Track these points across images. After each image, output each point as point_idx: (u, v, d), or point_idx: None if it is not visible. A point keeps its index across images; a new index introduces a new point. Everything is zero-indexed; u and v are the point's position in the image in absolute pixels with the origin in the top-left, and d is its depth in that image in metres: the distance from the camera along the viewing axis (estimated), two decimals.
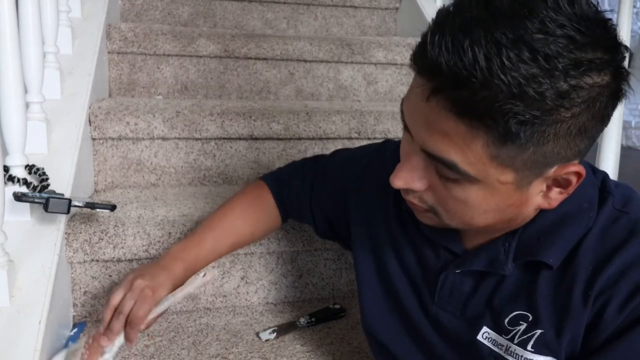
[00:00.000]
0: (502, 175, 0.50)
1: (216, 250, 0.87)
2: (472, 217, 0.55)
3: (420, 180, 0.55)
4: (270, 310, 1.07)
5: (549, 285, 0.57)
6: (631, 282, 0.53)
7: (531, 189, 0.53)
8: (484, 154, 0.49)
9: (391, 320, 0.72)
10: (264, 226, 0.93)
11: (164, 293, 0.76)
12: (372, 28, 1.95)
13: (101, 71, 1.39)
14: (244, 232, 0.90)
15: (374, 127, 1.34)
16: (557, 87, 0.45)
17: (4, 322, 0.76)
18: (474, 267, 0.61)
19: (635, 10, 4.17)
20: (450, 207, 0.55)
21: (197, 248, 0.85)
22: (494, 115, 0.46)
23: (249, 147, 1.30)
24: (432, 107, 0.49)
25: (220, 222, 0.89)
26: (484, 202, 0.53)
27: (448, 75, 0.46)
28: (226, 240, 0.88)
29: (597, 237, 0.56)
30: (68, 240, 0.95)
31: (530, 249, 0.58)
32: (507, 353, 0.58)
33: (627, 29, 1.21)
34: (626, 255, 0.54)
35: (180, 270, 0.81)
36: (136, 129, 1.21)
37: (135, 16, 1.75)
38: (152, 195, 1.18)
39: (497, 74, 0.44)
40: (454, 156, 0.50)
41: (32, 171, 0.95)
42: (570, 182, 0.53)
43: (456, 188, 0.53)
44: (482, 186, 0.51)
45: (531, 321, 0.57)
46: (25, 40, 0.97)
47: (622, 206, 0.57)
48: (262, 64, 1.57)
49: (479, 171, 0.50)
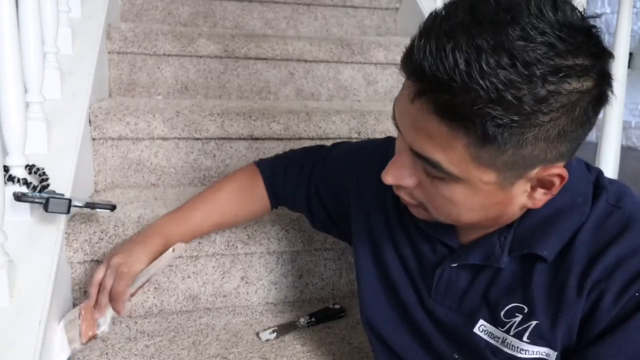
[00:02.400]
0: (484, 176, 0.52)
1: (197, 228, 0.93)
2: (458, 214, 0.57)
3: (410, 177, 0.57)
4: (270, 310, 1.07)
5: (544, 277, 0.58)
6: (626, 273, 0.54)
7: (514, 189, 0.54)
8: (466, 155, 0.50)
9: (390, 314, 0.72)
10: (249, 211, 0.97)
11: (139, 267, 0.84)
12: (372, 28, 1.95)
13: (101, 71, 1.39)
14: (229, 214, 0.95)
15: (374, 127, 1.34)
16: (535, 92, 0.46)
17: (4, 322, 0.76)
18: (469, 260, 0.62)
19: (635, 10, 4.17)
20: (437, 204, 0.57)
21: (179, 223, 0.91)
22: (473, 118, 0.47)
23: (249, 147, 1.30)
24: (418, 109, 0.51)
25: (206, 202, 0.94)
26: (468, 200, 0.54)
27: (431, 79, 0.48)
28: (209, 220, 0.93)
29: (592, 231, 0.57)
30: (68, 240, 0.95)
31: (525, 242, 0.59)
32: (504, 345, 0.59)
33: (627, 29, 1.21)
34: (620, 248, 0.55)
35: (159, 244, 0.87)
36: (136, 129, 1.21)
37: (135, 16, 1.75)
38: (152, 195, 1.18)
39: (476, 79, 0.45)
40: (438, 156, 0.52)
41: (32, 171, 0.95)
42: (554, 184, 0.54)
43: (442, 186, 0.54)
44: (466, 185, 0.53)
45: (526, 313, 0.58)
46: (25, 41, 0.97)
47: (616, 201, 0.58)
48: (262, 64, 1.57)
49: (462, 171, 0.52)
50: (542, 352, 0.57)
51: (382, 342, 0.74)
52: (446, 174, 0.52)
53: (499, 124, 0.47)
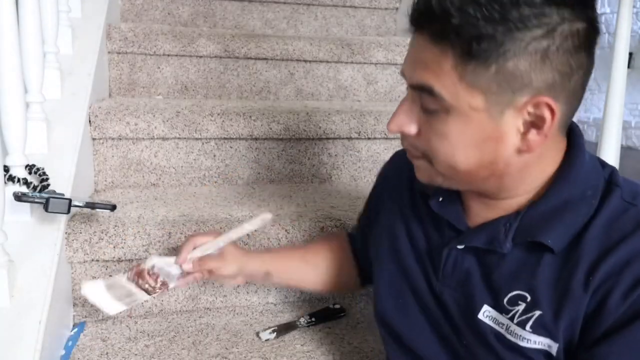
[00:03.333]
0: (472, 100, 0.55)
1: (272, 275, 0.90)
2: (453, 154, 0.58)
3: (411, 124, 0.61)
4: (270, 310, 1.07)
5: (551, 269, 0.58)
6: (636, 271, 0.53)
7: (504, 123, 0.55)
8: (454, 75, 0.54)
9: (402, 303, 0.73)
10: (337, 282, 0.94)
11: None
12: (372, 28, 1.95)
13: (101, 71, 1.39)
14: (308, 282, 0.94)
15: (374, 127, 1.34)
16: (520, 11, 0.51)
17: (4, 322, 0.76)
18: (473, 243, 0.64)
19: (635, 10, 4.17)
20: (436, 146, 0.59)
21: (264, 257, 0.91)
22: (459, 34, 0.52)
23: (249, 147, 1.31)
24: (418, 44, 0.57)
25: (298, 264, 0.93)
26: (461, 135, 0.57)
27: (426, 14, 0.55)
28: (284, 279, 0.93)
29: (604, 227, 0.57)
30: (68, 240, 0.95)
31: (531, 231, 0.60)
32: (508, 332, 0.60)
33: (627, 29, 1.20)
34: (632, 246, 0.55)
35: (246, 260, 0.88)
36: (136, 129, 1.21)
37: (135, 16, 1.75)
38: (152, 195, 1.18)
39: (465, 5, 0.52)
40: (432, 81, 0.56)
41: (32, 171, 0.95)
42: (544, 120, 0.54)
43: (438, 123, 0.58)
44: (457, 116, 0.56)
45: (530, 302, 0.58)
46: (25, 40, 0.97)
47: (632, 199, 0.58)
48: (262, 64, 1.57)
49: (452, 95, 0.55)
50: (544, 343, 0.57)
51: (394, 336, 0.75)
52: (439, 103, 0.56)
53: (478, 36, 0.51)
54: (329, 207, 1.14)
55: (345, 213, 1.10)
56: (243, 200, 1.18)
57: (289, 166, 1.34)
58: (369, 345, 0.96)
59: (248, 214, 1.08)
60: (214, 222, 1.02)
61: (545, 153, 0.59)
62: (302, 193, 1.26)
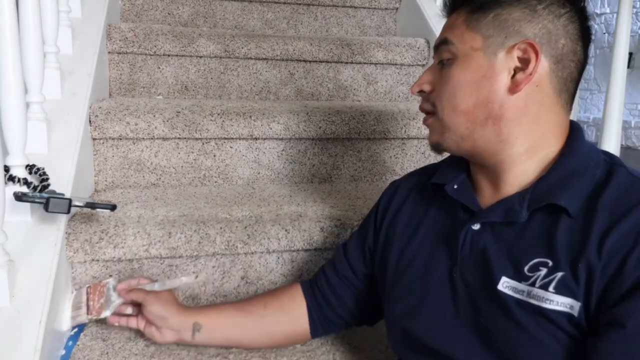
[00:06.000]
0: (473, 42, 0.68)
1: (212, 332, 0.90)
2: (454, 95, 0.69)
3: (428, 83, 0.74)
4: None
5: (567, 232, 0.62)
6: None
7: (497, 63, 0.66)
8: (463, 25, 0.70)
9: (422, 300, 0.73)
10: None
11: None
12: (372, 28, 1.95)
13: (101, 71, 1.39)
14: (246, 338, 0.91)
15: (374, 127, 1.34)
16: None
17: (4, 322, 0.76)
18: (490, 218, 0.68)
19: (635, 10, 4.17)
20: (442, 92, 0.71)
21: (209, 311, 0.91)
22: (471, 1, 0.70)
23: (249, 147, 1.31)
24: (451, 20, 0.72)
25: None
26: (462, 75, 0.68)
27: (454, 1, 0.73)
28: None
29: (615, 196, 0.61)
30: (68, 240, 0.95)
31: (544, 196, 0.64)
32: (529, 297, 0.61)
33: (627, 29, 1.21)
34: None
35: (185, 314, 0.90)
36: (136, 129, 1.21)
37: (136, 16, 1.75)
38: (153, 195, 1.18)
39: None
40: (448, 33, 0.71)
41: (32, 171, 0.95)
42: (529, 59, 0.65)
43: (446, 71, 0.70)
44: (461, 60, 0.69)
45: (551, 266, 0.61)
46: (25, 41, 0.97)
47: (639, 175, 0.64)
48: (262, 64, 1.57)
49: (459, 39, 0.69)
50: (567, 304, 0.59)
51: (412, 340, 0.74)
52: (450, 50, 0.69)
53: None
54: (329, 207, 1.14)
55: (345, 213, 1.10)
56: (243, 200, 1.18)
57: (289, 166, 1.34)
58: (369, 345, 0.96)
59: (248, 214, 1.08)
60: (214, 222, 1.02)
61: (540, 112, 0.66)
62: (302, 193, 1.26)
